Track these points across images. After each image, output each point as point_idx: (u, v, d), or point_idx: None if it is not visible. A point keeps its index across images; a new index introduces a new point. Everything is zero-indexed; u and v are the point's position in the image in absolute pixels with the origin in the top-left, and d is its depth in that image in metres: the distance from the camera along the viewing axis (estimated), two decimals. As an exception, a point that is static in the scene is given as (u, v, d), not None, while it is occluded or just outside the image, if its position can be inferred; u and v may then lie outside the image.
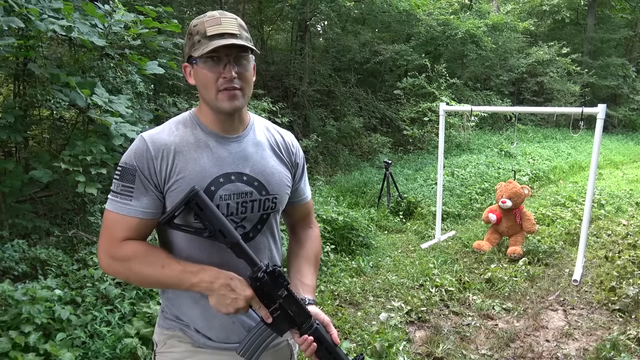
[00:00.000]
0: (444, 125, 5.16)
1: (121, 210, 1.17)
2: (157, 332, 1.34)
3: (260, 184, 1.27)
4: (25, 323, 2.42)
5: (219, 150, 1.23)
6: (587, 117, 4.53)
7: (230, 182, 1.23)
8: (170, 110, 5.13)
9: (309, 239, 1.50)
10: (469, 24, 11.59)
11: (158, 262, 1.17)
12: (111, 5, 3.59)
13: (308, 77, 10.14)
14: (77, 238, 3.69)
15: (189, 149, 1.21)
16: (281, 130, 1.42)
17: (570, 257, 4.66)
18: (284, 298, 1.17)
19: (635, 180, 8.58)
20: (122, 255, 1.17)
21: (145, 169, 1.17)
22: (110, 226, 1.19)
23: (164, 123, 1.27)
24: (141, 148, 1.18)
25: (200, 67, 1.18)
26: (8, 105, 3.48)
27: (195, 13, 9.48)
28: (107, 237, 1.19)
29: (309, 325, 1.20)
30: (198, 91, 1.24)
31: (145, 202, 1.18)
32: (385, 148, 9.76)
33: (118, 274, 1.22)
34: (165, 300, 1.31)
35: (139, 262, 1.17)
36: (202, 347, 1.28)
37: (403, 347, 3.04)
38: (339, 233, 4.81)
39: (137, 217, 1.18)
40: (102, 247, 1.20)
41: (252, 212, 1.27)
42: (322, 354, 1.21)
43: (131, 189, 1.17)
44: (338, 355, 1.23)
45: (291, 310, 1.18)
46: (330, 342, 1.23)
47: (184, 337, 1.28)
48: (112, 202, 1.19)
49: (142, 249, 1.19)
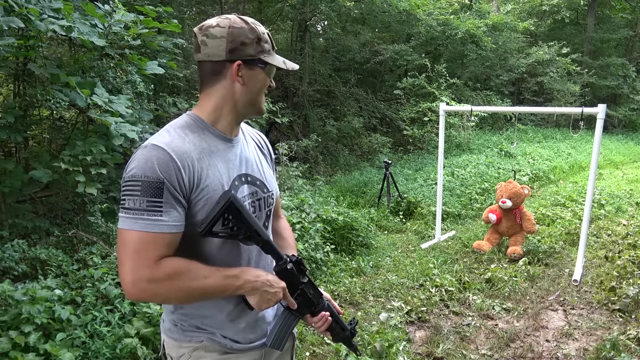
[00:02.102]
0: (444, 125, 5.16)
1: (152, 228, 1.08)
2: (175, 346, 1.29)
3: (262, 183, 1.33)
4: (25, 323, 2.42)
5: (227, 154, 1.25)
6: (587, 117, 4.53)
7: (242, 184, 1.27)
8: (170, 111, 5.13)
9: (284, 229, 1.57)
10: (469, 24, 11.59)
11: (200, 273, 1.14)
12: (111, 5, 3.59)
13: (308, 77, 10.15)
14: (77, 238, 3.69)
15: (205, 155, 1.19)
16: (253, 129, 1.49)
17: (570, 257, 4.66)
18: (305, 283, 1.30)
19: (635, 180, 8.58)
20: (164, 275, 1.09)
21: (175, 180, 1.10)
22: (140, 248, 1.08)
23: (165, 129, 1.20)
24: (165, 159, 1.10)
25: (264, 72, 1.24)
26: (8, 105, 3.48)
27: (195, 13, 9.48)
28: (139, 260, 1.08)
29: (322, 304, 1.36)
30: (240, 92, 1.23)
31: (175, 216, 1.12)
32: (385, 148, 9.76)
33: (157, 296, 1.14)
34: (179, 316, 1.28)
35: (184, 278, 1.11)
36: (230, 351, 1.29)
37: (403, 347, 3.04)
38: (339, 233, 4.81)
39: (171, 233, 1.11)
40: (133, 273, 1.08)
41: (261, 210, 1.33)
42: (333, 326, 1.39)
43: (159, 203, 1.09)
44: (343, 323, 1.42)
45: (310, 293, 1.31)
46: (337, 313, 1.40)
47: (211, 345, 1.27)
48: (137, 220, 1.08)
49: (183, 264, 1.13)
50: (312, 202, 5.08)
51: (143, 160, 1.10)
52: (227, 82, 1.21)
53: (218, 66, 1.20)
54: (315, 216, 4.78)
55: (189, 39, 6.08)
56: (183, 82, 6.13)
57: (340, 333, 1.41)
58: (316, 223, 4.61)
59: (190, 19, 9.30)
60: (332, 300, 1.44)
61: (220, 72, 1.21)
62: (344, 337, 1.42)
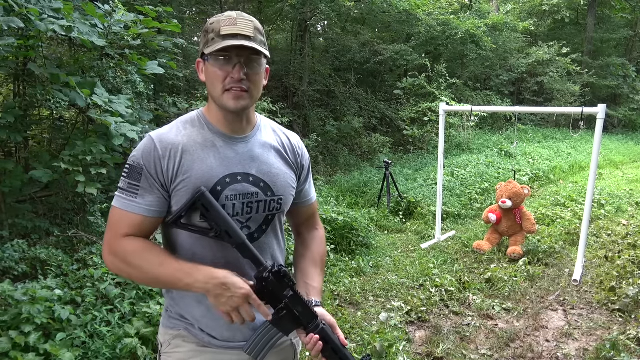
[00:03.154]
0: (444, 125, 5.16)
1: (126, 207, 1.19)
2: (162, 332, 1.34)
3: (266, 185, 1.28)
4: (25, 323, 2.42)
5: (225, 151, 1.24)
6: (587, 117, 4.53)
7: (237, 183, 1.24)
8: (170, 110, 5.13)
9: (314, 240, 1.49)
10: (469, 24, 11.59)
11: (156, 259, 1.18)
12: (111, 5, 3.59)
13: (308, 77, 10.14)
14: (77, 238, 3.69)
15: (196, 148, 1.22)
16: (287, 131, 1.43)
17: (570, 257, 4.66)
18: (290, 298, 1.19)
19: (635, 180, 8.58)
20: (122, 250, 1.19)
21: (152, 167, 1.18)
22: (114, 222, 1.21)
23: (172, 122, 1.28)
24: (149, 147, 1.19)
25: (211, 64, 1.19)
26: (8, 105, 3.48)
27: (195, 13, 9.49)
28: (111, 233, 1.21)
29: (315, 325, 1.21)
30: (207, 89, 1.25)
31: (149, 200, 1.19)
32: (385, 148, 9.76)
33: (120, 271, 1.22)
34: (169, 300, 1.32)
35: (138, 258, 1.18)
36: (208, 346, 1.28)
37: (403, 347, 3.04)
38: (339, 233, 4.81)
39: (141, 215, 1.19)
40: (105, 243, 1.22)
41: (258, 212, 1.28)
42: (329, 354, 1.22)
43: (137, 186, 1.18)
44: (344, 355, 1.23)
45: (297, 310, 1.19)
46: (337, 342, 1.23)
47: (189, 336, 1.29)
48: (118, 198, 1.21)
49: (141, 245, 1.19)
50: (312, 202, 5.08)
51: (137, 147, 1.22)
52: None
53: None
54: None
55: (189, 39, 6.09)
56: (183, 82, 6.13)
57: None
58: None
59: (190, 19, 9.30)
60: (338, 329, 1.26)
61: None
62: None
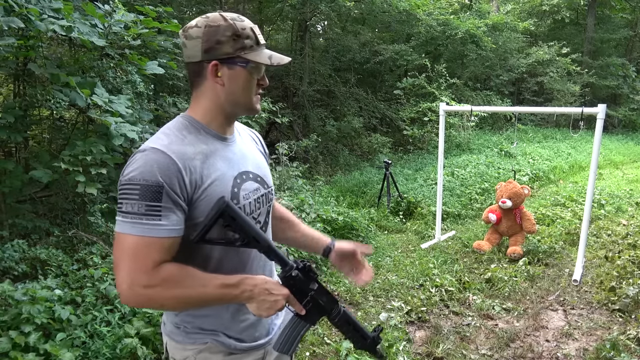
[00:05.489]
0: (444, 125, 5.16)
1: (150, 232, 1.06)
2: (179, 348, 1.27)
3: (262, 179, 1.32)
4: (25, 323, 2.42)
5: (225, 152, 1.24)
6: (587, 117, 4.53)
7: (244, 182, 1.25)
8: (170, 110, 5.13)
9: (285, 211, 1.57)
10: (469, 24, 11.59)
11: (197, 281, 1.11)
12: (111, 5, 3.59)
13: (308, 77, 10.15)
14: (77, 238, 3.69)
15: (205, 155, 1.17)
16: (245, 126, 1.48)
17: (570, 257, 4.66)
18: (315, 290, 1.23)
19: (635, 180, 8.58)
20: (160, 281, 1.07)
21: (175, 183, 1.08)
22: (138, 252, 1.06)
23: (162, 132, 1.18)
24: (164, 161, 1.08)
25: (247, 70, 1.18)
26: (8, 105, 3.48)
27: (195, 13, 9.48)
28: (135, 265, 1.06)
29: (338, 311, 1.28)
30: (224, 92, 1.20)
31: (174, 220, 1.09)
32: (385, 148, 9.76)
33: (152, 302, 1.11)
34: (182, 317, 1.26)
35: (180, 284, 1.09)
36: (235, 352, 1.28)
37: (403, 347, 3.04)
38: (339, 233, 4.81)
39: (170, 237, 1.09)
40: (130, 277, 1.06)
41: (263, 206, 1.32)
42: (352, 334, 1.33)
43: (158, 207, 1.06)
44: (364, 332, 1.35)
45: (322, 300, 1.25)
46: (357, 322, 1.33)
47: (216, 346, 1.25)
48: (135, 225, 1.06)
49: (180, 271, 1.10)
50: (312, 202, 5.08)
51: (142, 163, 1.08)
52: (209, 83, 1.19)
53: (197, 67, 1.18)
54: (315, 216, 4.78)
55: (189, 39, 6.06)
56: (183, 82, 6.12)
57: (359, 340, 1.35)
58: (316, 223, 4.61)
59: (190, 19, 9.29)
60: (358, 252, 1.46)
61: (200, 73, 1.19)
62: (365, 345, 1.37)
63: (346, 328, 1.32)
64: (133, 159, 1.10)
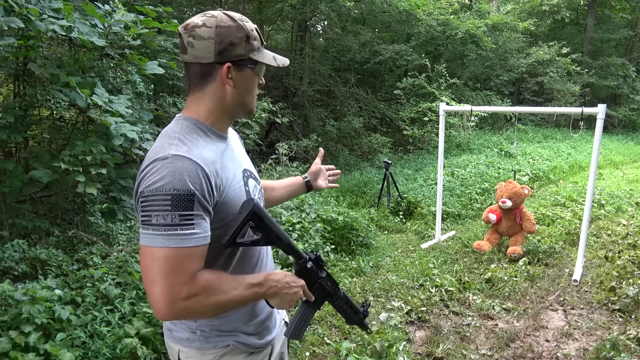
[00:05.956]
0: (444, 125, 5.16)
1: (188, 242, 1.04)
2: (197, 354, 1.24)
3: (255, 175, 1.37)
4: (25, 323, 2.42)
5: (229, 152, 1.25)
6: (587, 117, 4.53)
7: (248, 178, 1.29)
8: (170, 110, 5.13)
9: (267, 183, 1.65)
10: (469, 24, 11.59)
11: (230, 285, 1.12)
12: (111, 5, 3.58)
13: (308, 77, 10.15)
14: (77, 238, 3.69)
15: (220, 157, 1.17)
16: None
17: (570, 257, 4.66)
18: (323, 278, 1.34)
19: (635, 180, 8.58)
20: (200, 290, 1.06)
21: (205, 190, 1.07)
22: (176, 265, 1.03)
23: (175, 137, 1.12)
24: (193, 169, 1.05)
25: (254, 72, 1.20)
26: (8, 105, 3.48)
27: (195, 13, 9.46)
28: (176, 278, 1.03)
29: (339, 294, 1.41)
30: (232, 94, 1.18)
31: (205, 226, 1.08)
32: (385, 148, 9.76)
33: (192, 313, 1.09)
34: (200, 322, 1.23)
35: (218, 291, 1.09)
36: (254, 350, 1.30)
37: (403, 347, 3.04)
38: (339, 233, 4.81)
39: (204, 245, 1.08)
40: (170, 292, 1.03)
41: (262, 201, 1.36)
42: (347, 312, 1.46)
43: (191, 216, 1.04)
44: (356, 307, 1.48)
45: (327, 285, 1.35)
46: (350, 299, 1.45)
47: (237, 347, 1.26)
48: (170, 237, 1.02)
49: (215, 277, 1.10)
50: (312, 202, 5.08)
51: (169, 172, 1.03)
52: (217, 85, 1.16)
53: (207, 68, 1.15)
54: (315, 216, 4.78)
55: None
56: (183, 82, 6.12)
57: (353, 316, 1.47)
58: (316, 223, 4.61)
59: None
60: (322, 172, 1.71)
61: (209, 75, 1.15)
62: (356, 319, 1.49)
63: (345, 307, 1.44)
64: (153, 167, 1.05)
